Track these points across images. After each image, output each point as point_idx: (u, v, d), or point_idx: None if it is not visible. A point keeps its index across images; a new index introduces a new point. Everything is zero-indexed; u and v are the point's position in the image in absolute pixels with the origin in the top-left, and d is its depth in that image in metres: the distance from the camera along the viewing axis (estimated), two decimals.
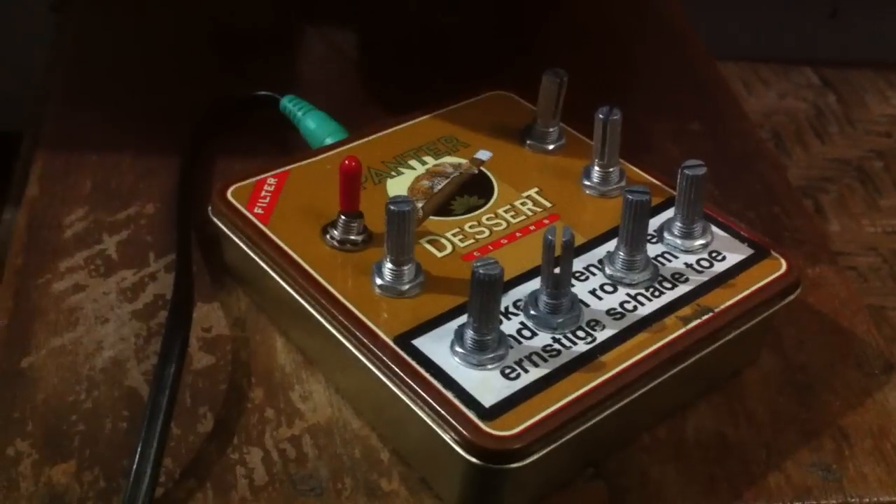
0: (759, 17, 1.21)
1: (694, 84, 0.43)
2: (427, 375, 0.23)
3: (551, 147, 0.32)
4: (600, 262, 0.27)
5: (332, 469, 0.25)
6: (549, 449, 0.22)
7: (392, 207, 0.25)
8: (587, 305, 0.26)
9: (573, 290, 0.26)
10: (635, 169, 0.31)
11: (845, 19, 1.23)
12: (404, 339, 0.24)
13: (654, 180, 0.31)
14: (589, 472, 0.25)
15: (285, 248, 0.27)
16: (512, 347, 0.24)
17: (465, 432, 0.22)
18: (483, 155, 0.32)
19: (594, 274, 0.27)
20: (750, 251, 0.28)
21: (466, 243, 0.28)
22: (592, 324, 0.25)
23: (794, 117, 1.13)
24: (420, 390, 0.23)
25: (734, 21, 1.18)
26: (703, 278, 0.27)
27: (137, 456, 0.24)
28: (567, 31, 0.47)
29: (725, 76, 0.45)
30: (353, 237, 0.27)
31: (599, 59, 0.45)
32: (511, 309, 0.25)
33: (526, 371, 0.24)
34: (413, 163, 0.31)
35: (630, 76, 0.45)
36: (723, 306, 0.26)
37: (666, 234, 0.28)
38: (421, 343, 0.24)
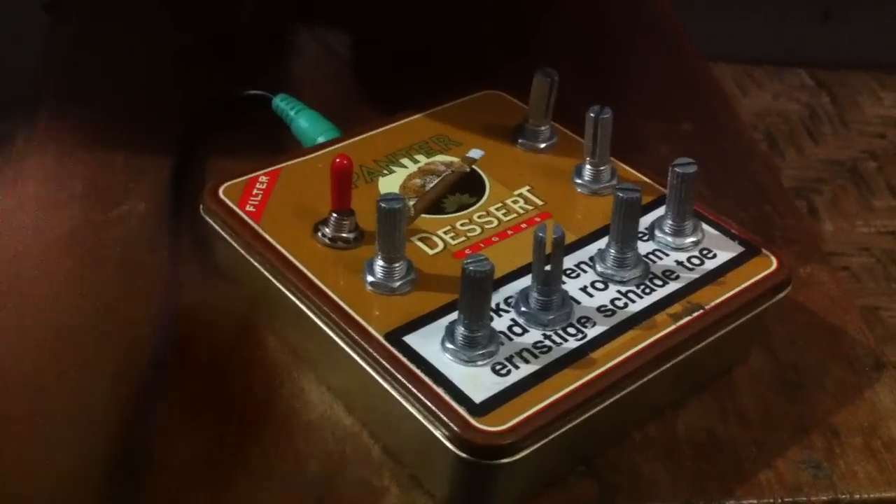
0: (753, 19, 1.22)
1: (687, 85, 0.44)
2: (418, 372, 0.23)
3: (543, 146, 0.32)
4: (591, 259, 0.27)
5: (323, 466, 0.25)
6: (539, 445, 0.22)
7: (383, 205, 0.25)
8: (578, 302, 0.26)
9: (564, 287, 0.26)
10: (626, 167, 0.31)
11: (838, 21, 1.23)
12: (395, 336, 0.24)
13: (646, 178, 0.31)
14: (580, 469, 0.25)
15: (277, 245, 0.27)
16: (503, 344, 0.24)
17: (455, 428, 0.22)
18: (475, 153, 0.32)
19: (585, 271, 0.27)
20: (740, 249, 0.28)
21: (458, 241, 0.28)
22: (583, 321, 0.25)
23: (788, 118, 1.13)
24: (411, 387, 0.23)
25: (728, 23, 1.19)
26: (694, 276, 0.27)
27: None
28: (561, 32, 0.47)
29: (719, 77, 0.45)
30: (344, 235, 0.27)
31: (593, 59, 0.45)
32: (502, 306, 0.26)
33: (516, 367, 0.24)
34: (405, 161, 0.31)
35: (623, 77, 0.45)
36: (713, 303, 0.26)
37: (657, 232, 0.28)
38: (412, 340, 0.24)
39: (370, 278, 0.26)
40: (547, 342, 0.24)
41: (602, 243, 0.28)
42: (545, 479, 0.25)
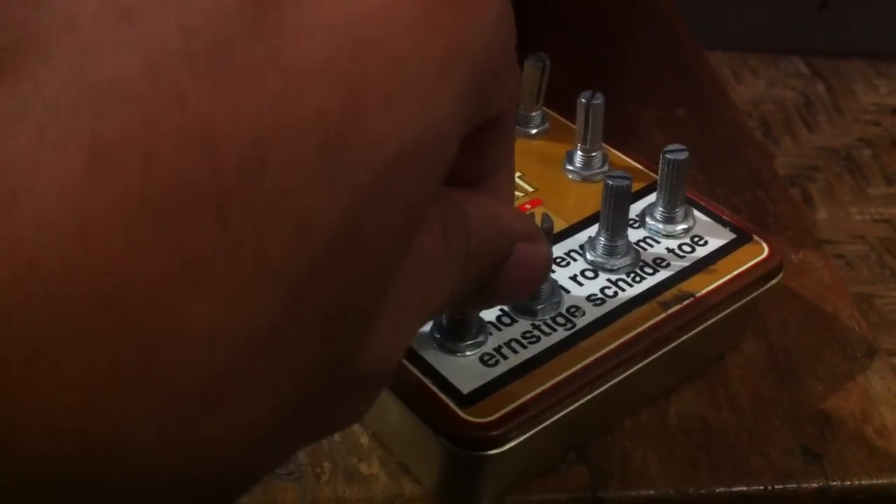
0: (749, 7, 1.21)
1: (681, 72, 0.43)
2: (405, 362, 0.23)
3: (534, 131, 0.32)
4: (581, 247, 0.27)
5: (310, 453, 0.25)
6: (527, 436, 0.22)
7: None
8: (568, 291, 0.26)
9: (553, 275, 0.26)
10: (618, 153, 0.31)
11: (834, 9, 1.23)
12: None
13: (638, 165, 0.31)
14: (570, 457, 0.25)
15: None
16: (491, 334, 0.24)
17: (443, 419, 0.22)
18: None
19: (575, 259, 0.27)
20: (732, 236, 0.28)
21: None
22: (573, 310, 0.25)
23: (783, 106, 1.13)
24: (398, 376, 0.23)
25: (724, 11, 1.18)
26: (685, 263, 0.27)
27: None
28: (556, 18, 0.47)
29: (714, 65, 0.44)
30: None
31: (587, 45, 0.44)
32: None
33: (505, 358, 0.23)
34: None
35: (617, 64, 0.44)
36: (704, 291, 0.26)
37: (648, 219, 0.28)
38: None
39: None
40: (536, 332, 0.24)
41: (592, 231, 0.27)
42: (535, 467, 0.24)
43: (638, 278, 0.26)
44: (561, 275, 0.26)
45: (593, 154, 0.30)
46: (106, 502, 0.11)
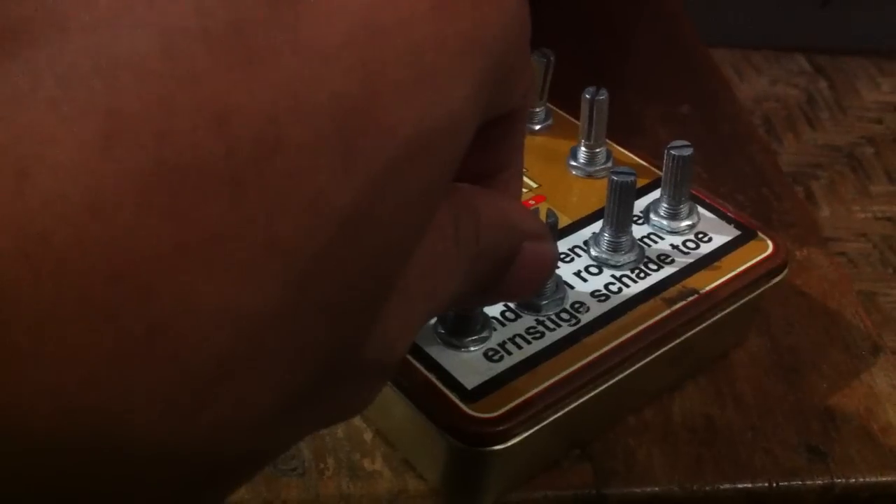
0: (752, 4, 1.21)
1: (685, 68, 0.43)
2: (409, 357, 0.23)
3: (538, 127, 0.32)
4: (586, 243, 0.27)
5: (314, 449, 0.25)
6: (531, 431, 0.22)
7: None
8: (572, 287, 0.26)
9: (558, 271, 0.26)
10: (622, 150, 0.31)
11: (838, 7, 1.23)
12: None
13: (642, 161, 0.31)
14: (575, 454, 0.25)
15: None
16: (495, 330, 0.24)
17: (447, 415, 0.22)
18: None
19: (579, 255, 0.27)
20: (737, 232, 0.28)
21: None
22: (577, 306, 0.25)
23: (786, 104, 1.13)
24: (402, 371, 0.23)
25: (727, 8, 1.18)
26: (689, 260, 0.27)
27: None
28: (560, 14, 0.46)
29: (717, 62, 0.44)
30: None
31: (592, 41, 0.44)
32: None
33: (509, 353, 0.23)
34: None
35: (621, 60, 0.44)
36: (708, 288, 0.26)
37: (652, 216, 0.28)
38: None
39: None
40: (540, 328, 0.24)
41: (597, 227, 0.27)
42: (539, 464, 0.24)
43: (642, 275, 0.26)
44: (565, 271, 0.26)
45: (597, 150, 0.30)
46: (108, 478, 0.11)
